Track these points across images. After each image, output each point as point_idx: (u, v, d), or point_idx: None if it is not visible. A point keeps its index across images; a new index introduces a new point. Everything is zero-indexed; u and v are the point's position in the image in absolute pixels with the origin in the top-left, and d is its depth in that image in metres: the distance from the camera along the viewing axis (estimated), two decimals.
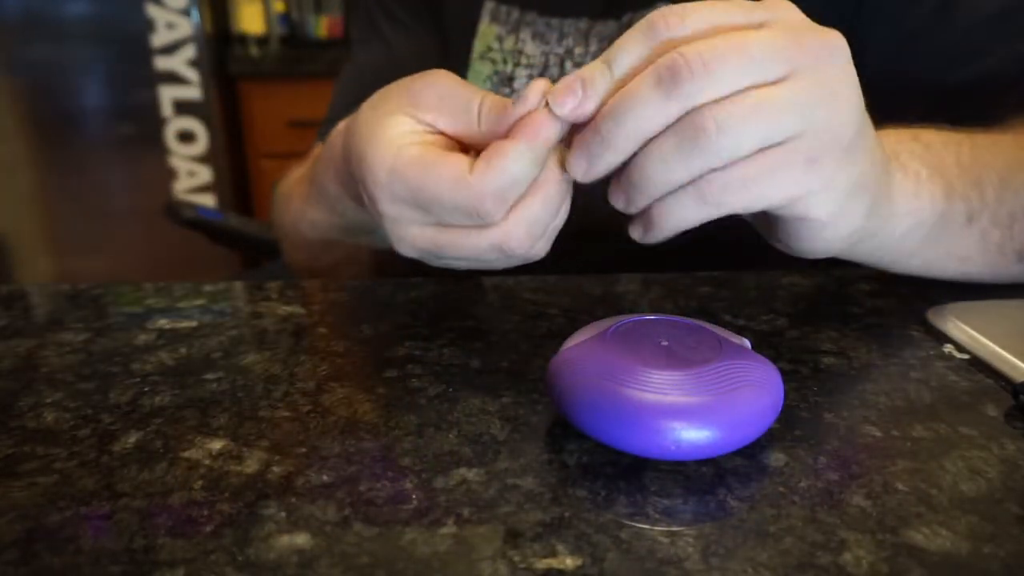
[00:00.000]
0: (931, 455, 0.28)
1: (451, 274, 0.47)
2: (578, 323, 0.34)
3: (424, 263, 0.36)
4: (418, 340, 0.38)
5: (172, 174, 1.93)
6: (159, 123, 1.90)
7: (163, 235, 1.67)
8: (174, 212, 1.08)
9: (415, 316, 0.41)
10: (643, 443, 0.26)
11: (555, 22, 0.60)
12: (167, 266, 1.96)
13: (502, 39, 0.62)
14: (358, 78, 0.67)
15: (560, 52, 0.60)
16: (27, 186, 1.95)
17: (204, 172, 1.94)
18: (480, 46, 0.63)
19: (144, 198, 1.93)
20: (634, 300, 0.43)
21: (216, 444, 0.29)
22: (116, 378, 0.34)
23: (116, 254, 1.99)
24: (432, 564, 0.23)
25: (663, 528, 0.24)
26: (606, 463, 0.27)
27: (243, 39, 2.01)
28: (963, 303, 0.40)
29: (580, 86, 0.29)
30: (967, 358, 0.36)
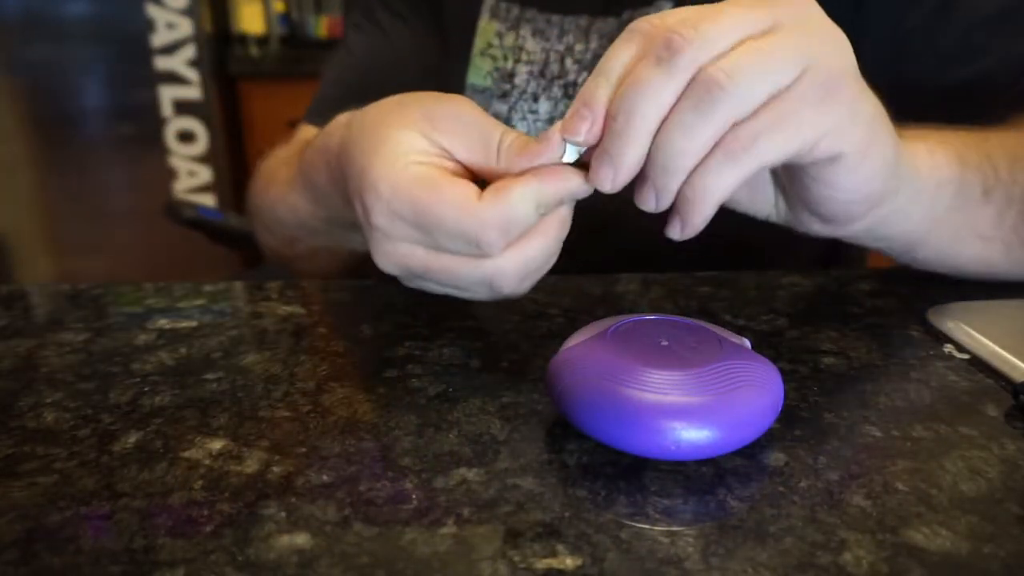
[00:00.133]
0: (931, 455, 0.28)
1: None
2: (578, 323, 0.34)
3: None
4: (418, 340, 0.38)
5: (172, 174, 1.93)
6: (159, 123, 1.90)
7: (163, 235, 1.67)
8: (174, 212, 1.08)
9: (415, 316, 0.41)
10: (643, 443, 0.26)
11: (555, 19, 0.60)
12: (167, 266, 1.96)
13: (502, 35, 0.61)
14: (352, 64, 0.66)
15: (560, 49, 0.60)
16: (27, 186, 1.95)
17: (204, 172, 1.94)
18: (480, 42, 0.63)
19: (144, 198, 1.93)
20: (634, 300, 0.43)
21: (216, 444, 0.29)
22: (116, 378, 0.34)
23: (116, 254, 1.99)
24: (432, 564, 0.23)
25: (663, 528, 0.24)
26: (606, 463, 0.27)
27: (243, 39, 2.01)
28: (963, 303, 0.40)
29: (586, 109, 0.29)
30: (967, 358, 0.36)
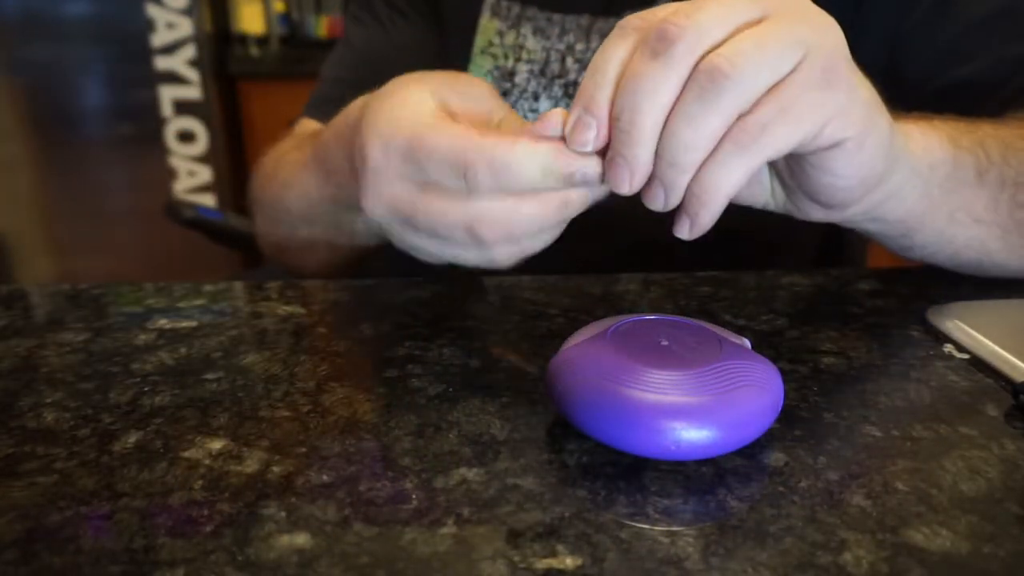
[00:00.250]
0: (931, 455, 0.28)
1: (451, 274, 0.47)
2: (578, 323, 0.34)
3: (390, 256, 0.35)
4: (418, 340, 0.38)
5: (172, 174, 1.93)
6: (159, 123, 1.90)
7: (163, 235, 1.68)
8: (174, 212, 1.08)
9: (415, 316, 0.41)
10: (643, 443, 0.26)
11: (556, 17, 0.60)
12: (167, 266, 1.96)
13: (503, 34, 0.61)
14: (352, 58, 0.66)
15: (561, 48, 0.60)
16: (27, 186, 1.95)
17: (204, 172, 1.94)
18: (481, 41, 0.63)
19: (144, 198, 1.93)
20: (634, 300, 0.43)
21: (216, 444, 0.29)
22: (116, 378, 0.34)
23: (116, 254, 1.99)
24: (432, 564, 0.23)
25: (663, 528, 0.24)
26: (606, 463, 0.27)
27: (243, 39, 2.01)
28: (963, 303, 0.40)
29: (588, 115, 0.29)
30: (967, 358, 0.36)
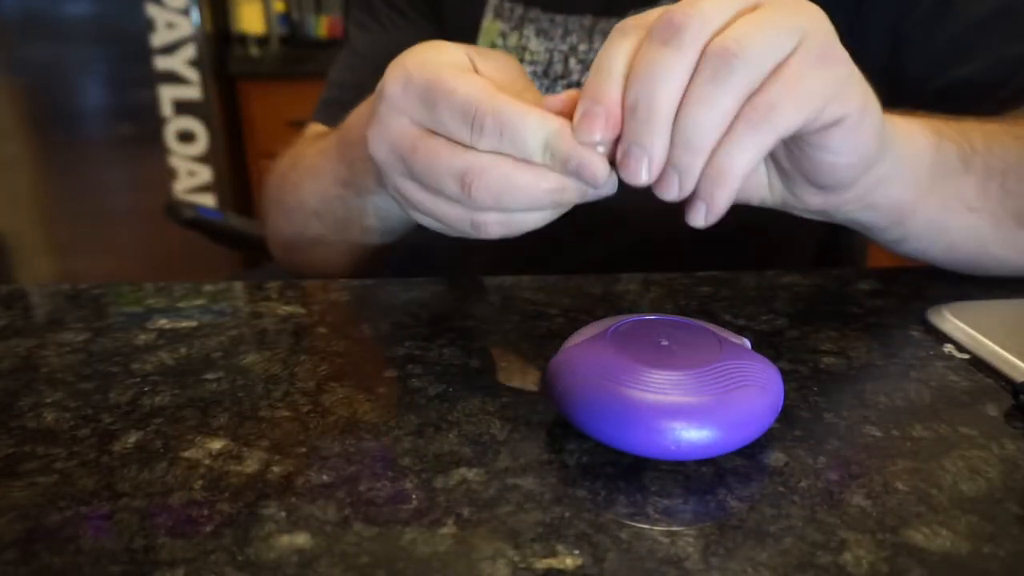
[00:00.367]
0: (931, 455, 0.28)
1: (451, 274, 0.47)
2: (578, 323, 0.34)
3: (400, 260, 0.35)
4: (418, 340, 0.38)
5: (172, 174, 1.94)
6: (159, 123, 1.90)
7: (163, 235, 1.68)
8: (174, 212, 1.08)
9: (415, 316, 0.41)
10: (643, 443, 0.26)
11: (559, 18, 0.60)
12: (167, 266, 1.96)
13: (506, 35, 0.61)
14: (358, 62, 0.66)
15: (564, 49, 0.60)
16: (27, 186, 1.95)
17: (204, 172, 1.94)
18: (484, 42, 0.63)
19: (144, 198, 1.93)
20: (634, 300, 0.43)
21: (216, 444, 0.29)
22: (116, 378, 0.34)
23: (116, 254, 1.99)
24: (432, 564, 0.23)
25: (663, 528, 0.24)
26: (606, 463, 0.27)
27: (243, 39, 2.01)
28: (963, 303, 0.40)
29: (597, 105, 0.29)
30: (967, 358, 0.36)
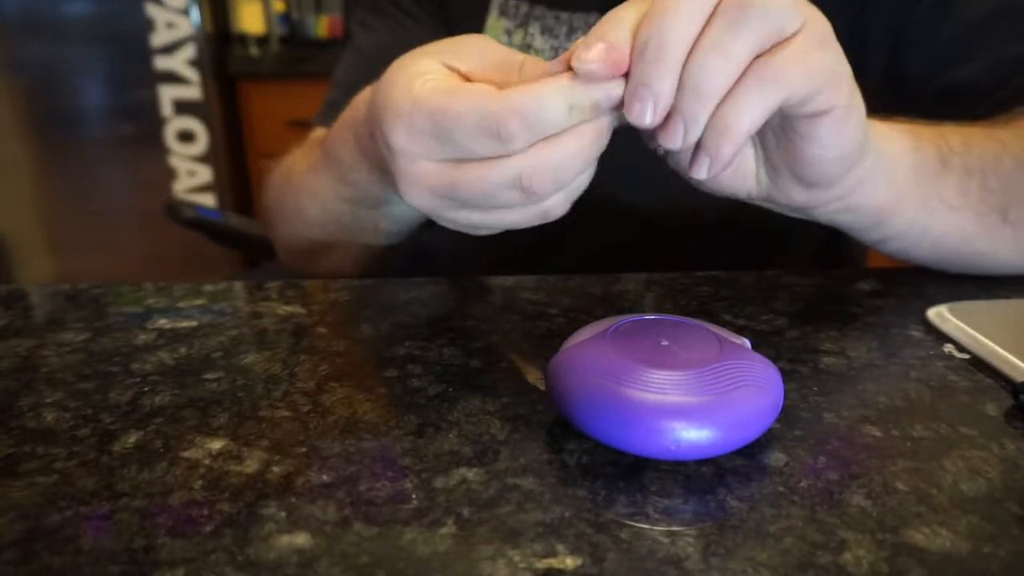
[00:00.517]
0: (931, 455, 0.28)
1: (451, 274, 0.47)
2: (578, 323, 0.34)
3: (421, 254, 0.35)
4: (418, 340, 0.38)
5: (172, 174, 1.93)
6: (159, 123, 1.90)
7: (163, 235, 1.68)
8: (174, 212, 1.08)
9: (415, 316, 0.41)
10: (643, 443, 0.26)
11: (564, 16, 0.60)
12: (167, 266, 1.96)
13: (511, 33, 0.61)
14: (362, 62, 0.66)
15: (569, 46, 0.60)
16: (27, 186, 1.95)
17: (204, 172, 1.94)
18: None
19: (144, 198, 1.93)
20: (634, 300, 0.43)
21: (216, 444, 0.29)
22: (116, 378, 0.34)
23: (116, 254, 1.99)
24: (432, 564, 0.23)
25: (663, 528, 0.24)
26: (606, 463, 0.27)
27: (243, 39, 2.01)
28: (963, 303, 0.40)
29: (601, 41, 0.29)
30: (967, 358, 0.36)
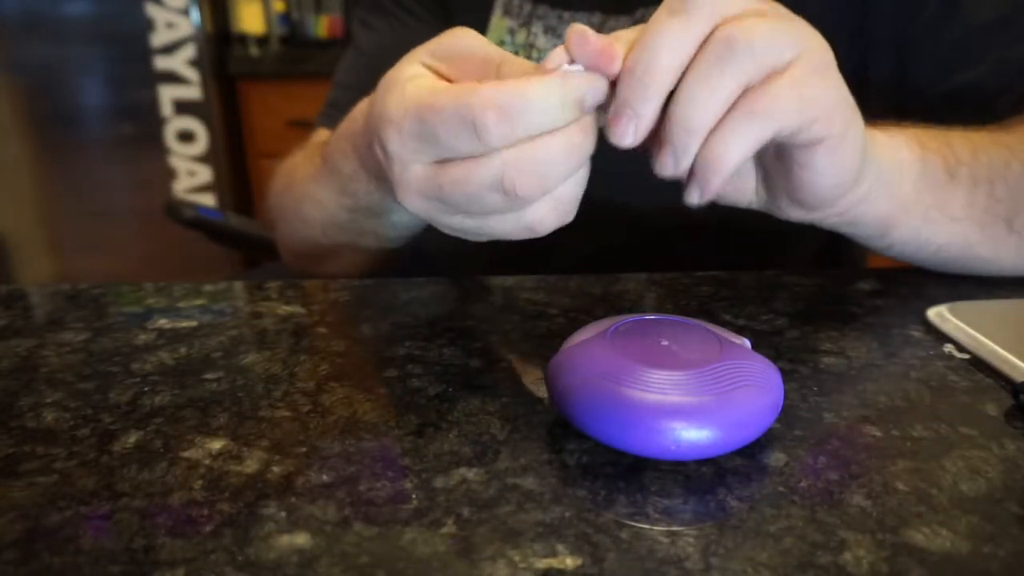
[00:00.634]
0: (931, 455, 0.28)
1: (451, 274, 0.47)
2: (578, 323, 0.34)
3: (427, 254, 0.35)
4: (418, 340, 0.38)
5: (172, 174, 1.93)
6: (159, 123, 1.90)
7: (163, 235, 1.68)
8: (174, 212, 1.08)
9: (415, 316, 0.41)
10: (643, 443, 0.26)
11: (567, 15, 0.60)
12: (167, 266, 1.96)
13: (514, 32, 0.62)
14: (363, 62, 0.66)
15: None
16: (27, 186, 1.95)
17: (204, 172, 1.94)
18: (492, 39, 0.63)
19: (144, 198, 1.93)
20: (634, 300, 0.43)
21: (216, 444, 0.29)
22: (116, 378, 0.34)
23: (116, 254, 1.99)
24: (432, 564, 0.23)
25: (663, 528, 0.24)
26: (606, 463, 0.27)
27: (243, 39, 2.01)
28: (963, 303, 0.40)
29: (584, 40, 0.29)
30: (967, 358, 0.36)
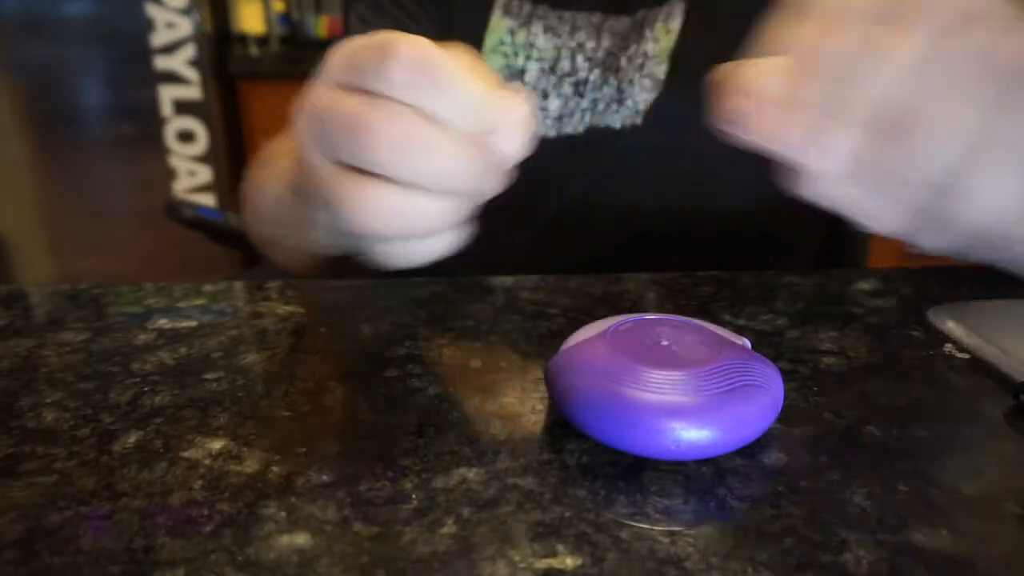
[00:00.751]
0: (931, 455, 0.28)
1: (451, 274, 0.47)
2: (578, 323, 0.33)
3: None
4: (418, 340, 0.38)
5: (172, 174, 1.94)
6: (159, 123, 1.90)
7: (163, 235, 1.67)
8: (174, 212, 1.08)
9: (415, 316, 0.41)
10: (643, 443, 0.26)
11: (567, 15, 0.60)
12: (167, 266, 1.96)
13: (514, 32, 0.62)
14: None
15: (572, 46, 0.60)
16: (27, 186, 1.95)
17: (204, 172, 1.94)
18: (491, 39, 0.63)
19: (144, 198, 1.93)
20: (634, 300, 0.43)
21: (216, 444, 0.29)
22: (116, 378, 0.34)
23: (116, 254, 1.99)
24: (432, 564, 0.23)
25: (663, 528, 0.24)
26: (606, 463, 0.27)
27: (243, 39, 2.01)
28: (963, 303, 0.40)
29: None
30: (967, 358, 0.36)
